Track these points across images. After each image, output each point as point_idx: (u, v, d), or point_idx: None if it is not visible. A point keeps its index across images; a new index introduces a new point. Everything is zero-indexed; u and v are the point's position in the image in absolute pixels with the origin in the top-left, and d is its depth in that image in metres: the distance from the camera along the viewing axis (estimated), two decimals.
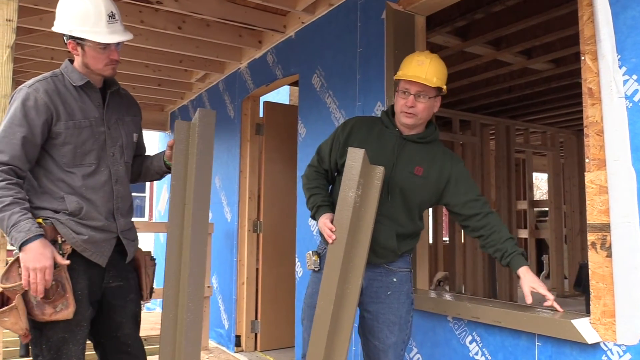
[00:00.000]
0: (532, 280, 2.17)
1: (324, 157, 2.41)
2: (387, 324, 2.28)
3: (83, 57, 2.16)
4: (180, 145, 2.15)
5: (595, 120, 2.06)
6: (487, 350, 2.41)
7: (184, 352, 1.99)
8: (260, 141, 5.12)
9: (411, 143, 2.31)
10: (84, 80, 2.17)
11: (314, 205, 2.32)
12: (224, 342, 5.11)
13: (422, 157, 2.30)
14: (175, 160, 2.14)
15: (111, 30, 2.14)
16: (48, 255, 1.95)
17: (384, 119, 2.38)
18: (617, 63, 2.00)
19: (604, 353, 1.97)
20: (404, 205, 2.29)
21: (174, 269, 2.06)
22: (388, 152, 2.28)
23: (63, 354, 2.07)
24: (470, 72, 5.67)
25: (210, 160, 2.14)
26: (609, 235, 1.97)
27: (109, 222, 2.19)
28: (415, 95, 2.23)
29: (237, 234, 5.01)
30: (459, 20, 4.21)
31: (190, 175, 2.10)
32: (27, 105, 2.05)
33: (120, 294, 2.25)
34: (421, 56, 2.30)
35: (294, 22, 4.14)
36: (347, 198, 2.09)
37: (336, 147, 2.35)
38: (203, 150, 2.11)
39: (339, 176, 2.35)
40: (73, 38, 2.13)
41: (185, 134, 2.16)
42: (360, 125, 2.37)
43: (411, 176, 2.27)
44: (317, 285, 2.30)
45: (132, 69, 5.27)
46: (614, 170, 1.97)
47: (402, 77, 2.24)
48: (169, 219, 2.10)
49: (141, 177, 2.51)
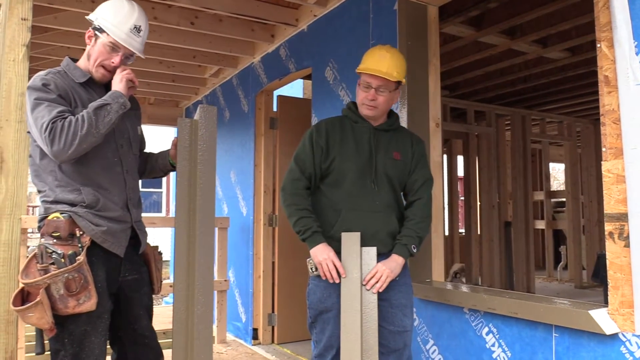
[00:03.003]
0: (378, 265, 2.27)
1: (307, 167, 2.39)
2: (400, 308, 2.34)
3: (91, 49, 2.21)
4: (184, 143, 2.17)
5: (611, 108, 2.03)
6: (504, 342, 2.40)
7: (196, 344, 2.02)
8: (275, 135, 5.13)
9: (383, 132, 2.43)
10: (86, 76, 2.22)
11: (307, 228, 2.30)
12: (242, 335, 5.15)
13: (396, 143, 2.44)
14: (180, 157, 2.16)
15: (129, 38, 2.21)
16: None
17: (350, 115, 2.46)
18: (634, 50, 1.97)
19: (623, 344, 1.96)
20: (392, 190, 2.40)
21: (184, 263, 2.09)
22: (365, 145, 2.38)
23: (86, 346, 2.09)
24: (484, 62, 5.62)
25: (214, 155, 2.15)
26: (626, 225, 1.95)
27: (124, 212, 2.23)
28: (376, 89, 2.34)
29: (252, 227, 5.03)
30: (472, 10, 4.17)
31: (195, 171, 2.12)
32: (49, 89, 2.09)
33: (135, 286, 2.29)
34: (382, 50, 2.39)
35: (306, 15, 4.13)
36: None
37: (318, 152, 2.38)
38: (206, 145, 2.13)
39: (321, 183, 2.41)
40: (95, 28, 2.20)
41: (188, 131, 2.18)
42: (332, 126, 2.43)
43: (393, 161, 2.39)
44: (326, 290, 2.33)
45: (146, 66, 5.31)
46: (631, 159, 1.94)
47: (364, 70, 2.35)
48: (176, 215, 2.12)
49: (145, 174, 2.55)
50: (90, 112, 2.06)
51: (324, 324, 2.35)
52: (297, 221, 2.33)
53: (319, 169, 2.38)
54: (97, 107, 2.08)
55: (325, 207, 2.37)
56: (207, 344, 2.05)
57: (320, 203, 2.39)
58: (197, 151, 2.12)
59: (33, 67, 5.08)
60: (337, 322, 2.31)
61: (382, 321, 2.33)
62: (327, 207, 2.36)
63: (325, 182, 2.39)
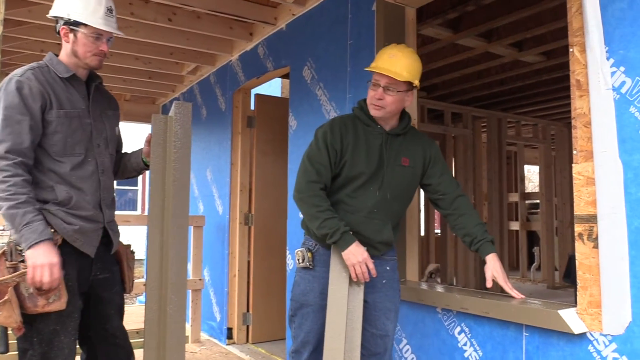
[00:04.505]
0: (495, 268, 2.27)
1: (323, 169, 2.30)
2: (384, 312, 2.35)
3: (73, 45, 2.18)
4: (158, 139, 2.15)
5: (583, 112, 2.07)
6: (476, 341, 2.43)
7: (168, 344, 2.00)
8: (252, 134, 5.11)
9: (395, 137, 2.36)
10: (69, 72, 2.19)
11: (335, 230, 2.20)
12: (216, 335, 5.12)
13: (406, 148, 2.37)
14: (154, 153, 2.14)
15: (107, 22, 2.20)
16: (55, 254, 1.99)
17: (361, 117, 2.36)
18: (605, 55, 2.00)
19: (590, 343, 1.99)
20: (397, 197, 2.36)
21: (156, 262, 2.07)
22: (376, 152, 2.31)
23: (55, 346, 2.06)
24: (462, 65, 5.67)
25: (189, 152, 2.13)
26: (595, 227, 1.98)
27: (96, 212, 2.20)
28: (384, 88, 2.25)
29: (228, 226, 5.00)
30: (450, 12, 4.21)
31: (169, 168, 2.10)
32: (24, 94, 2.06)
33: (107, 285, 2.26)
34: (394, 49, 2.30)
35: (284, 14, 4.12)
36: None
37: (333, 155, 2.29)
38: (181, 142, 2.11)
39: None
40: (68, 24, 2.15)
41: (162, 128, 2.16)
42: (344, 128, 2.33)
43: (401, 169, 2.34)
44: (310, 283, 2.33)
45: (123, 62, 5.24)
46: (601, 162, 1.98)
47: (373, 69, 2.27)
48: (149, 213, 2.10)
49: (119, 174, 2.52)
50: (11, 205, 1.97)
51: (303, 319, 2.34)
52: (321, 224, 2.22)
53: (333, 173, 2.31)
54: (14, 214, 1.97)
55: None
56: (179, 343, 2.04)
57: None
58: (171, 148, 2.10)
59: (6, 61, 5.00)
60: (315, 318, 2.31)
61: (365, 323, 2.33)
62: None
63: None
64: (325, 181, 2.30)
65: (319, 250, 2.35)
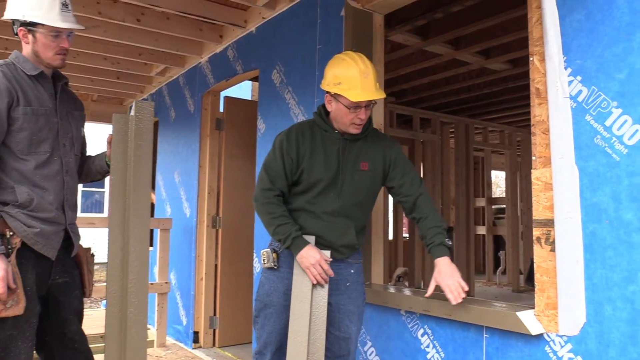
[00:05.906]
0: (439, 273, 2.22)
1: (278, 177, 2.33)
2: (347, 314, 2.36)
3: (33, 45, 2.14)
4: (118, 139, 2.13)
5: (542, 119, 2.13)
6: (438, 343, 2.46)
7: (128, 349, 1.98)
8: (221, 136, 5.08)
9: (354, 142, 2.36)
10: (37, 70, 2.15)
11: (287, 236, 2.24)
12: (182, 339, 5.07)
13: (366, 151, 2.37)
14: (115, 153, 2.11)
15: (64, 18, 2.15)
16: (4, 267, 1.96)
17: (320, 123, 2.37)
18: (563, 64, 2.07)
19: (547, 344, 2.04)
20: (356, 202, 2.37)
21: (117, 264, 2.05)
22: (334, 157, 2.33)
23: (11, 351, 2.02)
24: (430, 71, 5.75)
25: (150, 152, 2.11)
26: (553, 230, 2.04)
27: (58, 213, 2.16)
28: (366, 107, 2.27)
29: (195, 229, 4.96)
30: (419, 19, 4.27)
31: (130, 169, 2.07)
32: None
33: (66, 290, 2.22)
34: (360, 64, 2.24)
35: (255, 17, 4.12)
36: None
37: (289, 163, 2.32)
38: (142, 142, 2.09)
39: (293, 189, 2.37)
40: (25, 25, 2.11)
41: (123, 127, 2.13)
42: (301, 135, 2.35)
43: (359, 173, 2.34)
44: (274, 284, 2.33)
45: (90, 61, 5.15)
46: (558, 167, 2.04)
47: (363, 99, 2.20)
48: (109, 214, 2.07)
49: (82, 177, 2.48)
50: None
51: (265, 320, 2.35)
52: (275, 230, 2.27)
53: (290, 179, 2.33)
54: None
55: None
56: (140, 347, 2.02)
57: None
58: (133, 148, 2.07)
59: None
60: (278, 319, 2.31)
61: (329, 325, 2.34)
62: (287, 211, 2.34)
63: (291, 190, 2.37)
64: (280, 188, 2.33)
65: (284, 252, 2.36)
